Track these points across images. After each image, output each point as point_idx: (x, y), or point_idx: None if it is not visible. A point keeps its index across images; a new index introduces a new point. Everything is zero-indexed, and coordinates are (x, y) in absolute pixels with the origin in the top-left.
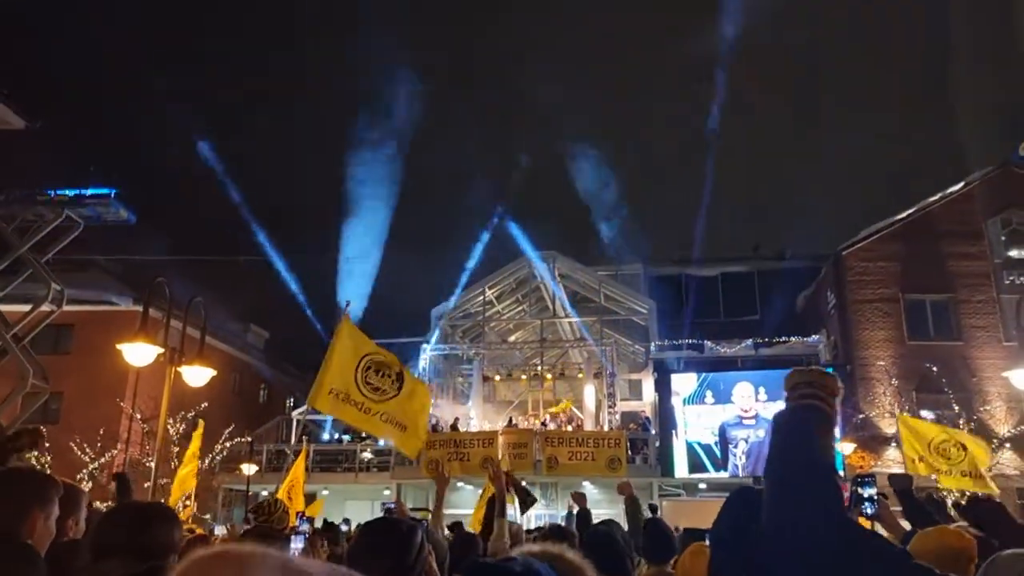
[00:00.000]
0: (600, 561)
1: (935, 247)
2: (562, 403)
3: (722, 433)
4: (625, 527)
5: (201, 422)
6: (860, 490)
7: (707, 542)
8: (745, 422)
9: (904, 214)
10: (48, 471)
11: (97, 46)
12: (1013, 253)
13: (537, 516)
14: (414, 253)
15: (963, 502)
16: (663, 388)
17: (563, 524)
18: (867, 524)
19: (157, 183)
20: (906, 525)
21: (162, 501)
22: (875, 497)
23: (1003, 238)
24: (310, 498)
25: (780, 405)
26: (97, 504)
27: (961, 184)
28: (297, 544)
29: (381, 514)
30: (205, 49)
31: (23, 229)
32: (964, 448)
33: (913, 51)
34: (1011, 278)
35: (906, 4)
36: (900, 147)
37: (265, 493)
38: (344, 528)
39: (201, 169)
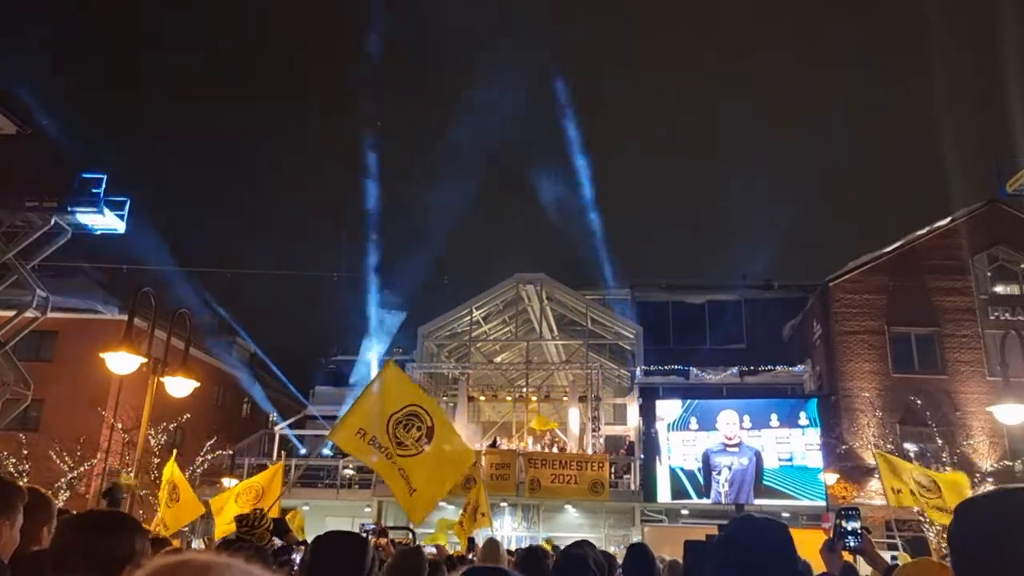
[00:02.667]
0: None
1: (921, 281)
2: (548, 422)
3: (705, 460)
4: (609, 550)
5: (174, 452)
6: (844, 523)
7: None
8: (729, 449)
9: (891, 247)
10: (25, 479)
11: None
12: (998, 289)
13: (518, 539)
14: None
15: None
16: (648, 413)
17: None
18: (850, 558)
19: (148, 191)
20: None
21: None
22: (859, 530)
23: (989, 274)
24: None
25: (764, 433)
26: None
27: (948, 219)
28: (297, 557)
29: (363, 528)
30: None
31: (10, 234)
32: (938, 487)
33: (905, 84)
34: (996, 314)
35: (895, 45)
36: (886, 179)
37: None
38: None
39: (193, 178)
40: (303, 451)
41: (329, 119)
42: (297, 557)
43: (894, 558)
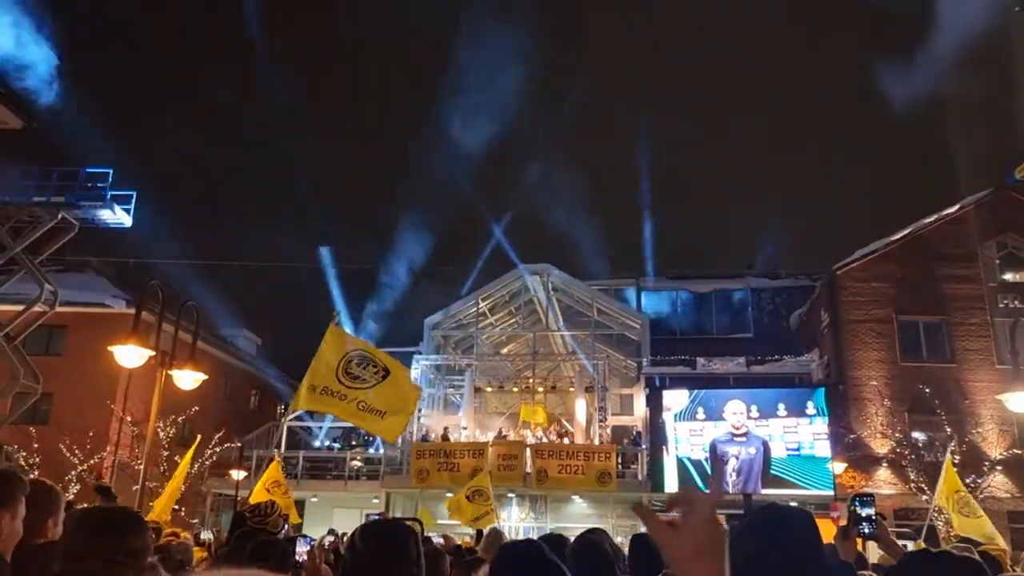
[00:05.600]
0: (589, 569)
1: (929, 269)
2: (537, 412)
3: (713, 450)
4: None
5: (199, 436)
6: (859, 510)
7: None
8: (736, 439)
9: (899, 235)
10: (35, 472)
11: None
12: (1007, 276)
13: (526, 529)
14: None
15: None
16: (654, 403)
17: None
18: (860, 545)
19: (155, 186)
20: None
21: (140, 507)
22: (874, 517)
23: (997, 261)
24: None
25: (771, 423)
26: (85, 506)
27: (956, 207)
28: (302, 548)
29: (369, 519)
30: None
31: (17, 229)
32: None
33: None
34: (1005, 301)
35: (900, 32)
36: (897, 168)
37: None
38: (330, 539)
39: (200, 173)
40: (316, 444)
41: (330, 100)
42: (304, 547)
43: (907, 547)
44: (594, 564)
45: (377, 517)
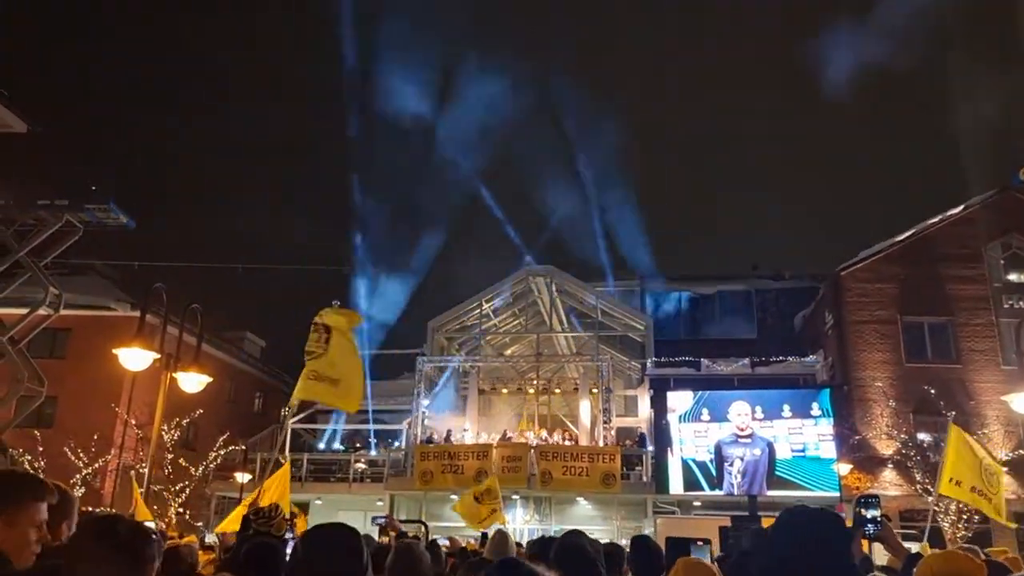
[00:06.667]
0: (572, 570)
1: (934, 270)
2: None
3: (717, 451)
4: (621, 543)
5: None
6: (863, 511)
7: (694, 555)
8: (741, 440)
9: (903, 236)
10: (40, 476)
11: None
12: (1012, 277)
13: (530, 530)
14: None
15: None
16: (659, 405)
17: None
18: (866, 546)
19: (158, 189)
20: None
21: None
22: (878, 518)
23: (1002, 262)
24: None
25: (776, 424)
26: (91, 510)
27: (961, 207)
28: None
29: (375, 521)
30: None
31: (22, 232)
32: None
33: (914, 76)
34: (1010, 302)
35: (907, 33)
36: (900, 169)
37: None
38: None
39: (206, 175)
40: (321, 446)
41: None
42: None
43: (912, 549)
44: (576, 564)
45: (383, 521)
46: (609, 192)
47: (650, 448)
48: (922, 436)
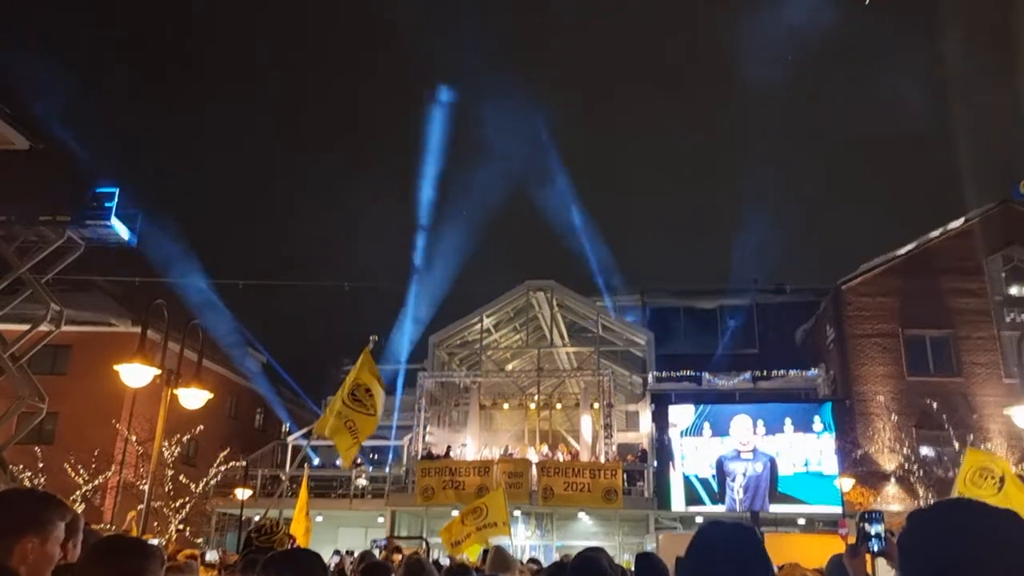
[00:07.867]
0: None
1: (935, 283)
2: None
3: (719, 466)
4: (623, 559)
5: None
6: (867, 526)
7: None
8: (743, 455)
9: (904, 249)
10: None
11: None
12: (1013, 290)
13: (532, 547)
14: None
15: None
16: (660, 420)
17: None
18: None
19: (160, 203)
20: None
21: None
22: (883, 534)
23: (1003, 275)
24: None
25: (778, 438)
26: (93, 527)
27: (961, 220)
28: None
29: (374, 544)
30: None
31: (23, 249)
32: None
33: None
34: (1011, 315)
35: (906, 43)
36: (898, 182)
37: (257, 518)
38: (335, 559)
39: (207, 192)
40: (316, 462)
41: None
42: None
43: None
44: None
45: (382, 543)
46: (611, 207)
47: (652, 463)
48: (925, 450)
